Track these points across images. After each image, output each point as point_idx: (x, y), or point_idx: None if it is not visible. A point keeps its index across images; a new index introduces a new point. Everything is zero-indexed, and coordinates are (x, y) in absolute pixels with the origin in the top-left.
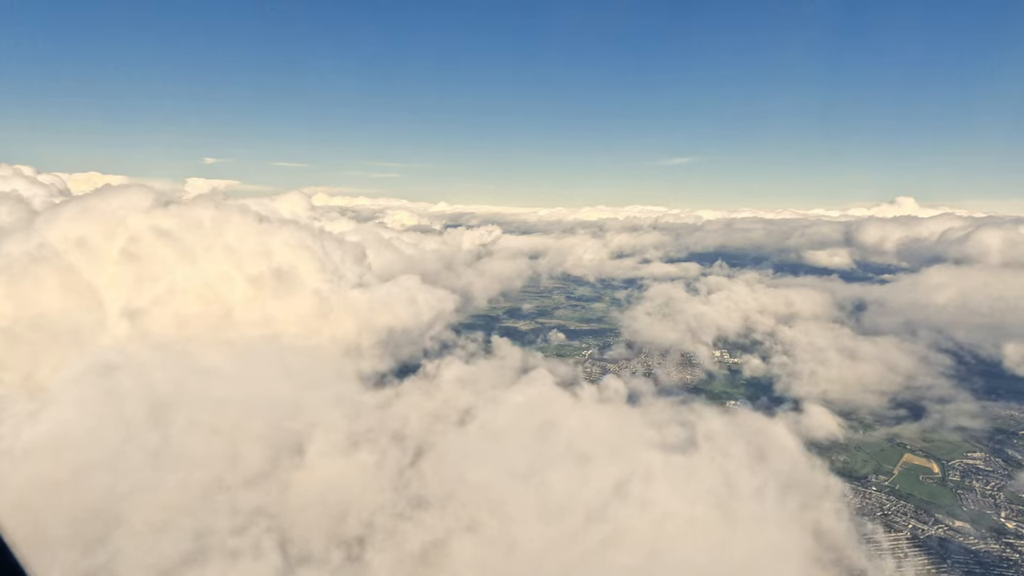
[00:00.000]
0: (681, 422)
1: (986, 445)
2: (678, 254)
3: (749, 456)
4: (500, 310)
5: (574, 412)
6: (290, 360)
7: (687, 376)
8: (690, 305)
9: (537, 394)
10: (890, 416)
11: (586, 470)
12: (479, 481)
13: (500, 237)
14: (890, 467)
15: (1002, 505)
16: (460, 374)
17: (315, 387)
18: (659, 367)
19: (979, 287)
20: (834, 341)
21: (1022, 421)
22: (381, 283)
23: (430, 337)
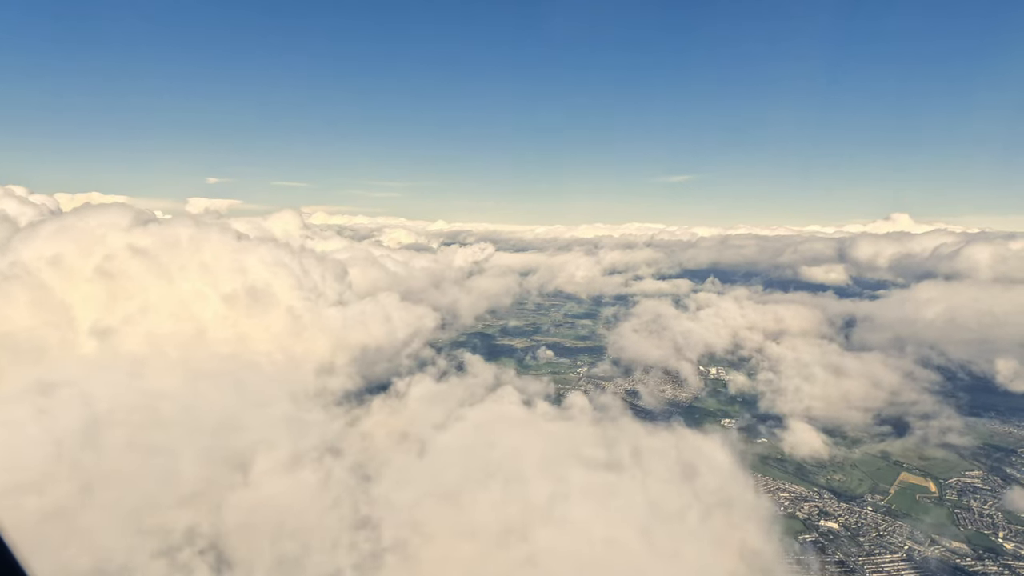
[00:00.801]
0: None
1: (983, 463)
2: (671, 271)
3: (687, 476)
4: (492, 328)
5: (526, 431)
6: (249, 379)
7: (669, 393)
8: (678, 322)
9: (496, 413)
10: (876, 432)
11: (518, 489)
12: (410, 501)
13: (493, 255)
14: (886, 486)
15: (1000, 525)
16: (427, 392)
17: (270, 406)
18: (642, 384)
19: (968, 303)
20: (821, 357)
21: (1021, 438)
22: (361, 301)
23: (407, 355)
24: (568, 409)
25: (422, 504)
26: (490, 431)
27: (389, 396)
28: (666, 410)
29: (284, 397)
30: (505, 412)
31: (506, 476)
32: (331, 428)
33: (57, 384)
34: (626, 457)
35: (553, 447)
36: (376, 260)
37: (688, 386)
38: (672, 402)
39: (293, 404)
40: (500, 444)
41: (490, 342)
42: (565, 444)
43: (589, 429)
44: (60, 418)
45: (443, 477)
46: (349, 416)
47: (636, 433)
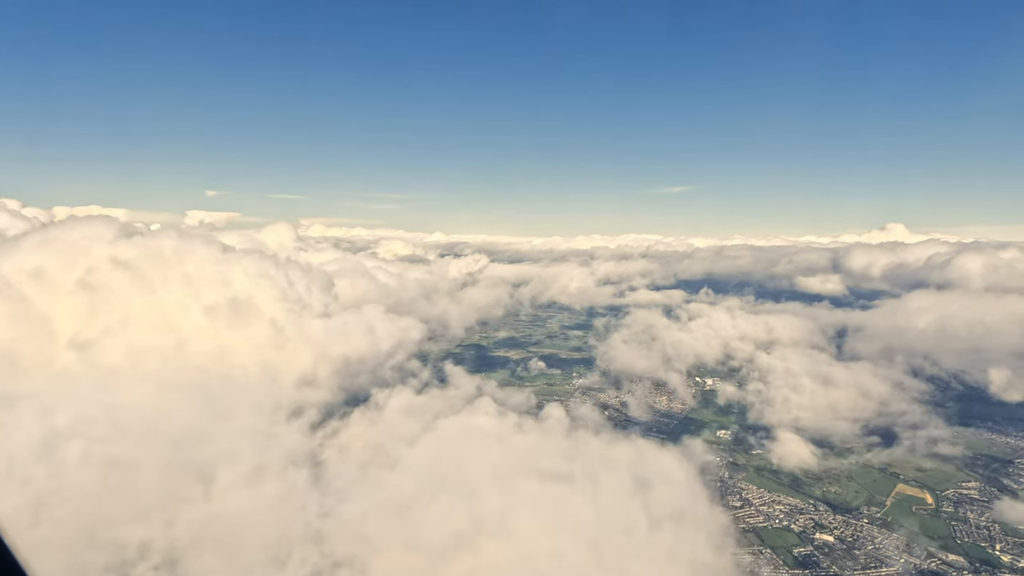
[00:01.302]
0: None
1: (980, 474)
2: (665, 281)
3: (645, 489)
4: (483, 339)
5: (492, 443)
6: (222, 391)
7: (657, 404)
8: (668, 332)
9: (466, 425)
10: (865, 443)
11: (472, 502)
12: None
13: (487, 266)
14: (882, 498)
15: (997, 537)
16: (405, 405)
17: (240, 419)
18: (629, 395)
19: (959, 312)
20: (810, 367)
21: (1018, 448)
22: (347, 312)
23: (391, 367)
24: (543, 421)
25: (375, 517)
26: (456, 444)
27: (368, 408)
28: (652, 421)
29: (257, 409)
30: (476, 424)
31: (462, 489)
32: (300, 441)
33: (19, 397)
34: (588, 470)
35: (516, 459)
36: (367, 272)
37: (677, 397)
38: (660, 413)
39: (266, 417)
40: (463, 457)
41: (479, 353)
42: (529, 456)
43: (558, 441)
44: (16, 432)
45: (401, 490)
46: (323, 429)
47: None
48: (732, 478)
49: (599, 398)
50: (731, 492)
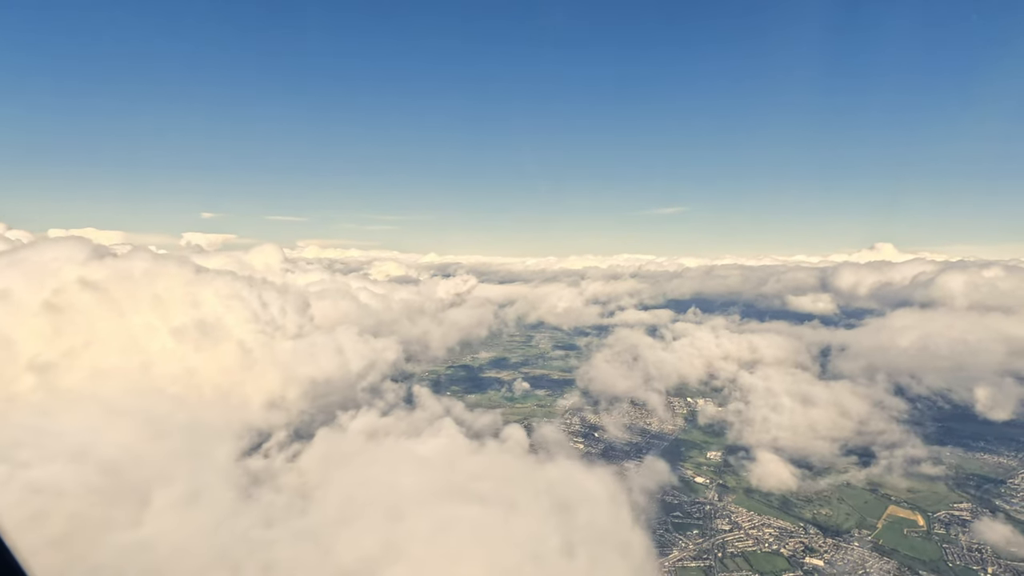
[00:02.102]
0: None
1: (972, 494)
2: (654, 301)
3: (578, 511)
4: (464, 360)
5: (433, 465)
6: (172, 413)
7: (634, 424)
8: (652, 352)
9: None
10: (844, 463)
11: (392, 525)
12: (280, 538)
13: (476, 286)
14: (874, 520)
15: (988, 560)
16: (367, 427)
17: (186, 442)
18: (607, 416)
19: (942, 330)
20: (792, 386)
21: (1009, 468)
22: (321, 334)
23: (362, 388)
24: (501, 443)
25: (292, 542)
26: (397, 466)
27: (331, 431)
28: (629, 442)
29: (208, 432)
30: (427, 447)
31: (386, 512)
32: (247, 464)
33: None
34: (522, 493)
35: (452, 482)
36: (349, 293)
37: (656, 417)
38: (641, 433)
39: (216, 439)
40: (400, 480)
41: (461, 374)
42: (468, 480)
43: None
44: None
45: (325, 514)
46: (279, 451)
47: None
48: (722, 500)
49: (575, 419)
50: (720, 515)
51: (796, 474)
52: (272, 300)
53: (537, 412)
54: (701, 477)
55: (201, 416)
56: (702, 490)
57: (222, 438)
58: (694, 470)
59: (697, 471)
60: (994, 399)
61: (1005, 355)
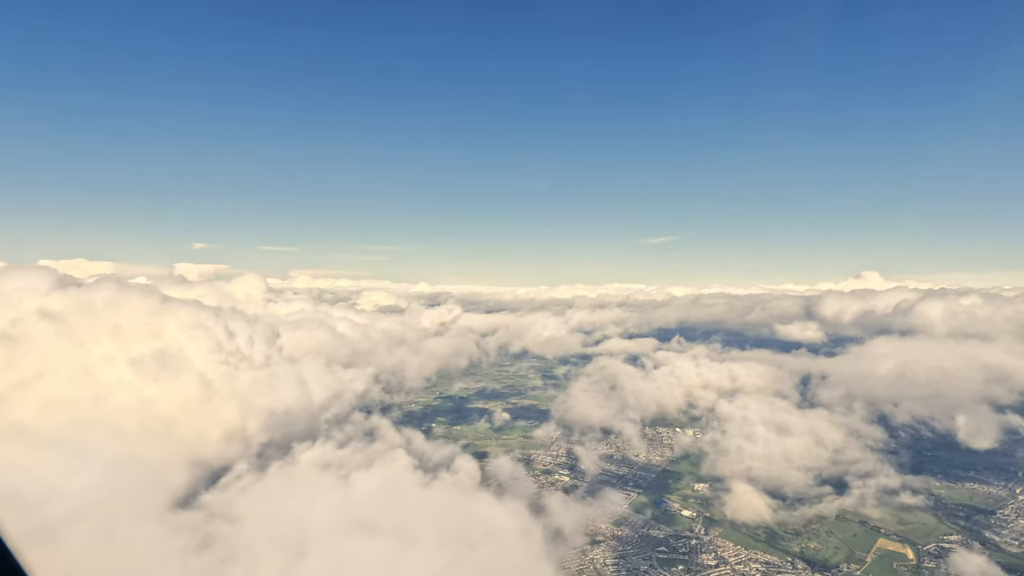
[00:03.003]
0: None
1: (962, 526)
2: (639, 330)
3: (487, 544)
4: (441, 390)
5: (365, 500)
6: (117, 446)
7: (607, 455)
8: (631, 381)
9: (357, 481)
10: (817, 493)
11: (292, 561)
12: None
13: (460, 315)
14: (863, 553)
15: None
16: (318, 459)
17: (124, 477)
18: (579, 446)
19: (920, 357)
20: (769, 415)
21: (999, 498)
22: (290, 364)
23: (326, 419)
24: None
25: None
26: (320, 500)
27: (283, 464)
28: (614, 473)
29: (151, 466)
30: (367, 480)
31: (290, 548)
32: (175, 499)
33: None
34: (439, 527)
35: (370, 516)
36: (326, 322)
37: (644, 448)
38: (625, 464)
39: (158, 473)
40: (317, 514)
41: (445, 405)
42: (390, 512)
43: (439, 498)
44: None
45: (229, 549)
46: (222, 486)
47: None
48: (708, 534)
49: (561, 450)
50: (706, 550)
51: (771, 505)
52: (240, 330)
53: (522, 443)
54: (687, 510)
55: (149, 449)
56: (688, 523)
57: (166, 472)
58: (680, 502)
59: (683, 503)
60: (976, 427)
61: (982, 383)
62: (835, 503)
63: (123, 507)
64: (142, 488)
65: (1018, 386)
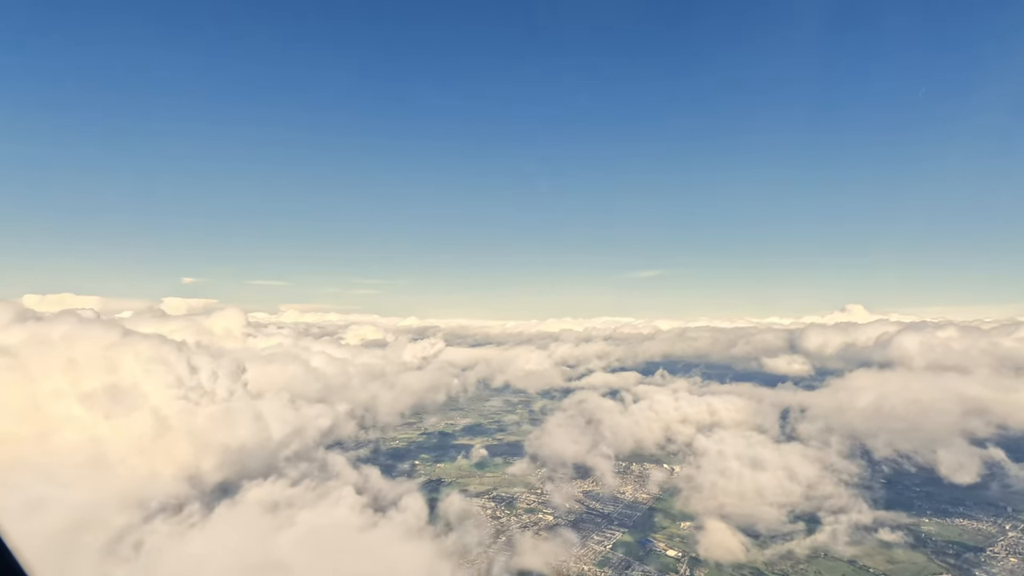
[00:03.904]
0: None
1: (952, 564)
2: (623, 363)
3: None
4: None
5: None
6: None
7: (605, 492)
8: (609, 416)
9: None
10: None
11: None
12: None
13: (443, 349)
14: None
15: None
16: (267, 499)
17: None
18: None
19: (898, 390)
20: (745, 450)
21: (989, 535)
22: (254, 399)
23: (286, 456)
24: (398, 514)
25: None
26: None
27: (230, 503)
28: (598, 511)
29: (89, 506)
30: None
31: None
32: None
33: None
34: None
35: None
36: (300, 357)
37: (613, 485)
38: (609, 502)
39: (95, 513)
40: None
41: (430, 441)
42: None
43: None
44: None
45: None
46: (153, 526)
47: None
48: (693, 575)
49: (547, 487)
50: None
51: (744, 543)
52: (204, 365)
53: (502, 481)
54: (672, 549)
55: (89, 489)
56: (672, 563)
57: (103, 513)
58: (665, 541)
59: (669, 542)
60: (957, 462)
61: (960, 415)
62: (807, 541)
63: (46, 552)
64: (72, 531)
65: (996, 419)
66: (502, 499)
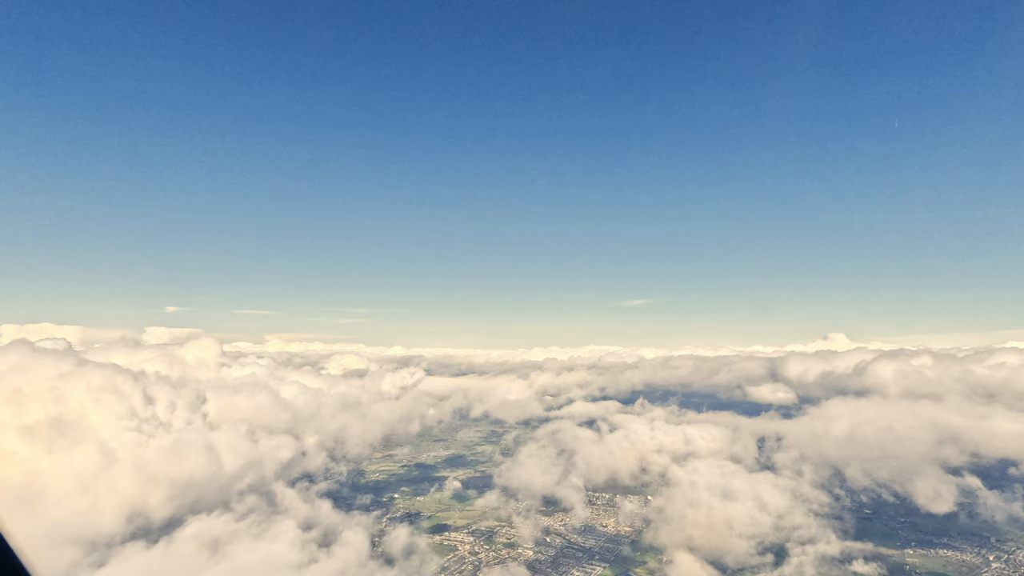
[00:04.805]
0: None
1: None
2: (604, 392)
3: None
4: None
5: None
6: None
7: (587, 525)
8: (583, 446)
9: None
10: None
11: None
12: None
13: (423, 379)
14: None
15: None
16: (207, 534)
17: None
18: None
19: (872, 418)
20: (717, 480)
21: (973, 567)
22: (210, 431)
23: (239, 490)
24: (335, 549)
25: None
26: None
27: (171, 539)
28: (580, 545)
29: None
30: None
31: None
32: None
33: None
34: None
35: None
36: (268, 387)
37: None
38: (591, 534)
39: None
40: None
41: (411, 474)
42: None
43: None
44: None
45: None
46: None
47: None
48: None
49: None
50: None
51: None
52: (161, 395)
53: (482, 514)
54: None
55: (21, 526)
56: None
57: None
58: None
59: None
60: (934, 490)
61: (933, 443)
62: (774, 574)
63: None
64: None
65: (968, 447)
66: (481, 533)
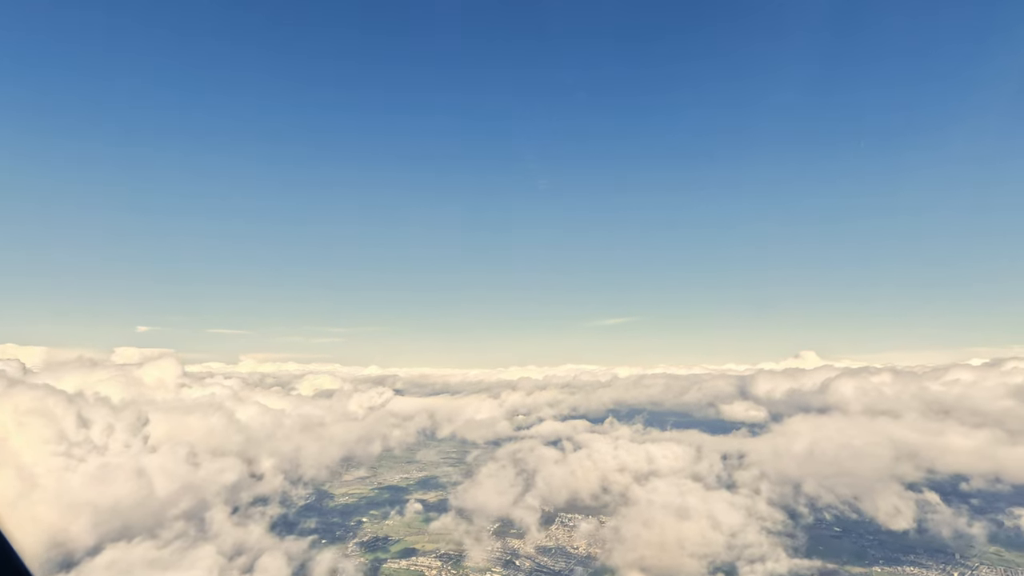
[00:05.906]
0: None
1: None
2: (575, 412)
3: None
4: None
5: None
6: None
7: (559, 547)
8: (545, 466)
9: None
10: None
11: None
12: None
13: (391, 399)
14: None
15: None
16: (121, 561)
17: None
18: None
19: (831, 435)
20: (675, 499)
21: None
22: (151, 454)
23: (174, 515)
24: None
25: None
26: None
27: (81, 569)
28: (549, 568)
29: None
30: None
31: None
32: None
33: None
34: None
35: None
36: (223, 407)
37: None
38: (562, 556)
39: None
40: None
41: (382, 496)
42: None
43: None
44: None
45: None
46: None
47: None
48: None
49: (498, 544)
50: None
51: None
52: (98, 417)
53: (436, 537)
54: None
55: None
56: None
57: None
58: None
59: None
60: (894, 506)
61: (891, 459)
62: None
63: None
64: None
65: (924, 463)
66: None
